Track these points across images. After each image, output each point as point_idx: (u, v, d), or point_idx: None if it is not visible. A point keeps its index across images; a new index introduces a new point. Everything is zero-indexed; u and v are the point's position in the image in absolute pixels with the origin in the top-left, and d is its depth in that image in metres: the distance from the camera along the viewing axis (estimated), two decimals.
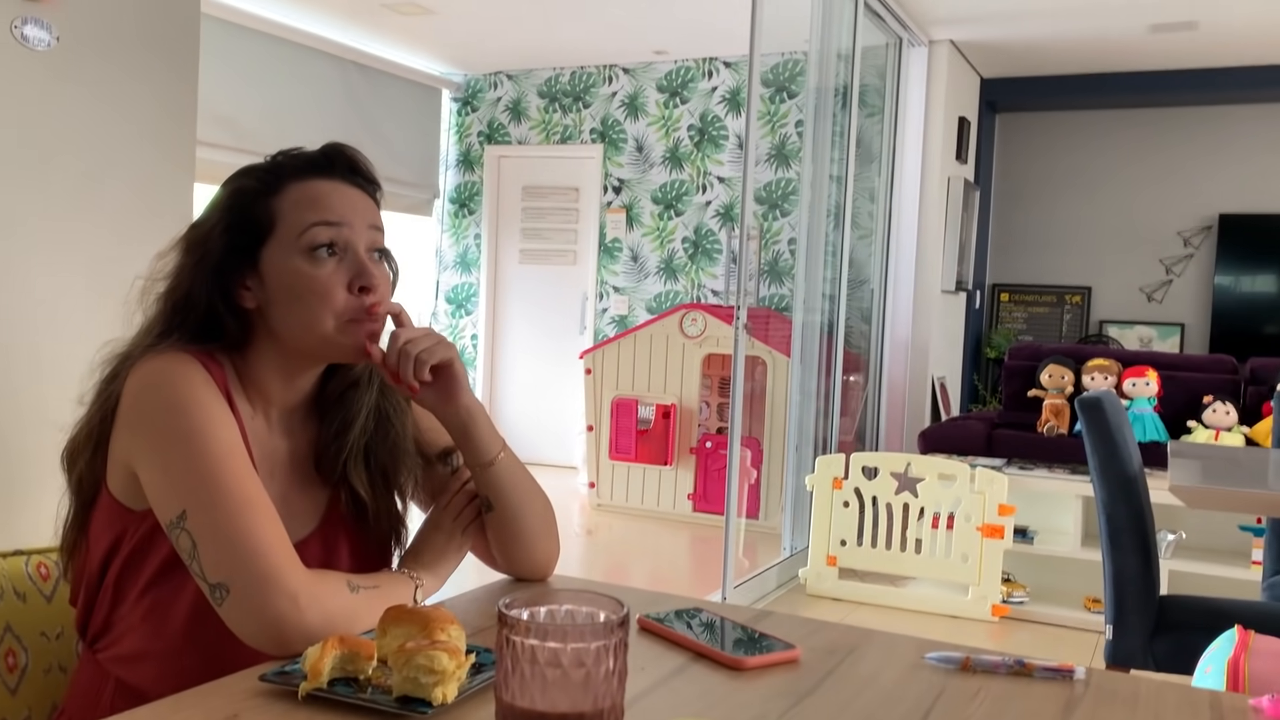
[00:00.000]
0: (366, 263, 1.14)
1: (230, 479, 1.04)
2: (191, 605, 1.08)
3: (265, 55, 5.82)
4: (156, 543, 1.09)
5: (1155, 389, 4.35)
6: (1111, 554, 2.45)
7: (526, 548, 1.25)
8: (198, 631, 1.07)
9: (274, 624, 0.99)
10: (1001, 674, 1.03)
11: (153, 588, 1.09)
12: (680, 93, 6.62)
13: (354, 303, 1.12)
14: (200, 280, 1.14)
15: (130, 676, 1.10)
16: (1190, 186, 6.53)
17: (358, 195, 1.17)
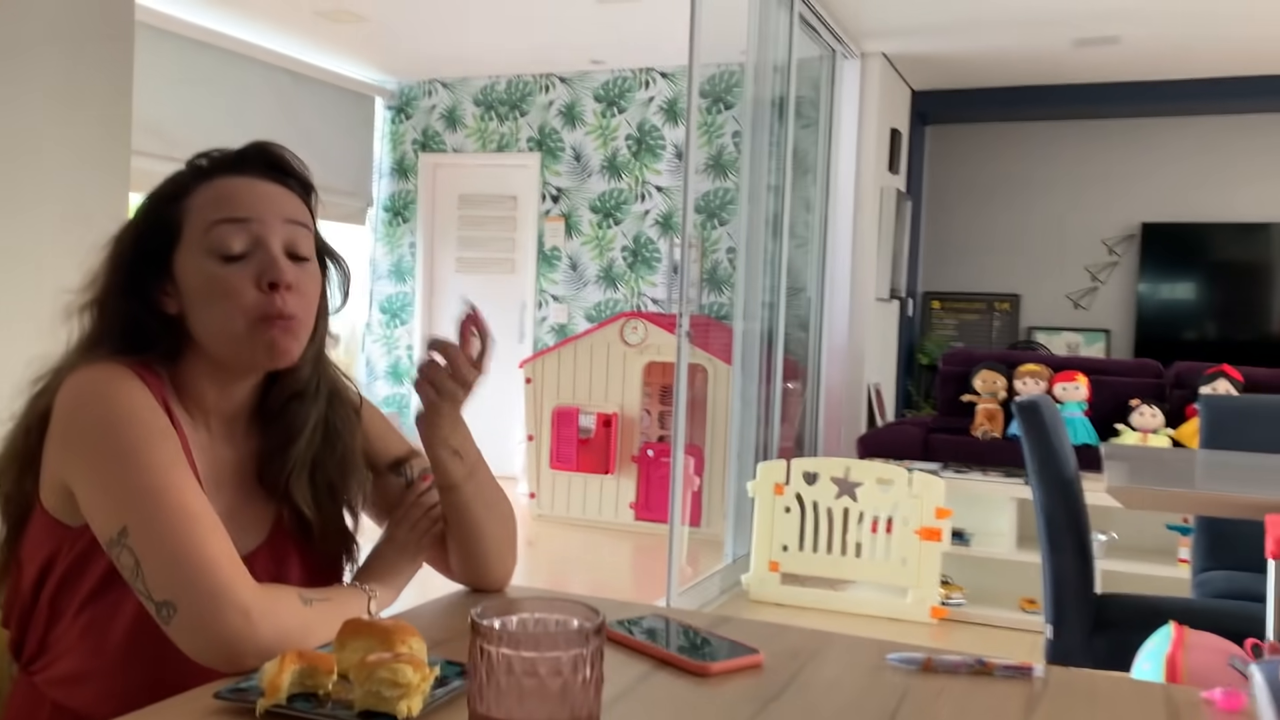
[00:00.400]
0: (277, 258, 1.08)
1: (173, 492, 0.99)
2: (131, 622, 1.04)
3: (196, 63, 5.69)
4: (94, 559, 1.05)
5: (1085, 393, 4.46)
6: (1051, 555, 2.50)
7: (487, 564, 1.24)
8: (138, 649, 1.03)
9: (226, 641, 0.95)
10: (963, 674, 1.04)
11: (90, 605, 1.05)
12: (617, 102, 6.63)
13: (262, 300, 1.07)
14: (118, 290, 1.10)
15: (68, 699, 1.05)
16: (1115, 196, 6.72)
17: (274, 190, 1.12)
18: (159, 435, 1.03)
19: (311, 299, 1.13)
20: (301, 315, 1.10)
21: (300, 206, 1.14)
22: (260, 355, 1.09)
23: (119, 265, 1.11)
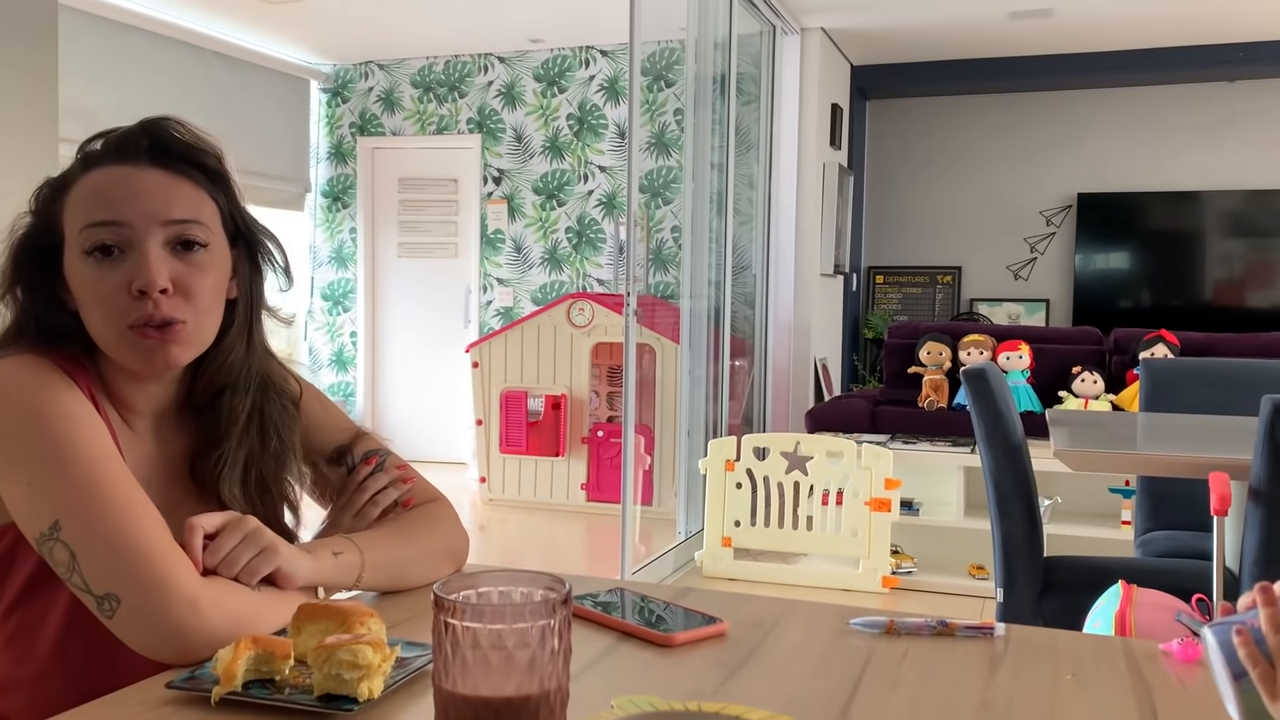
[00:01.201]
0: (147, 261, 1.00)
1: (105, 480, 0.95)
2: (61, 626, 1.00)
3: (122, 46, 5.53)
4: (17, 562, 1.00)
5: (1028, 362, 4.53)
6: (1000, 520, 2.54)
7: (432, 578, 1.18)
8: (68, 654, 1.00)
9: (174, 631, 0.91)
10: (925, 635, 1.05)
11: (17, 609, 1.01)
12: (558, 82, 6.57)
13: (130, 307, 1.00)
14: (21, 287, 1.06)
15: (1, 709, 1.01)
16: (1051, 168, 6.83)
17: (156, 181, 1.03)
18: (85, 425, 0.98)
19: (203, 295, 1.04)
20: (187, 317, 1.03)
21: (190, 195, 1.05)
22: (139, 363, 1.03)
23: (16, 262, 1.06)
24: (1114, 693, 0.90)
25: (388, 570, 1.12)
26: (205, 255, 1.05)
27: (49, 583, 0.99)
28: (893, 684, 0.91)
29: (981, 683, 0.92)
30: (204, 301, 1.05)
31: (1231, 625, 0.72)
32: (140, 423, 1.09)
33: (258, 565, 0.98)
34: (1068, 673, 0.94)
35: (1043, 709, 0.86)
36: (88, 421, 0.98)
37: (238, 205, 1.13)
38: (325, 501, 1.24)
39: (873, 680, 0.92)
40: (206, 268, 1.05)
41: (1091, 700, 0.88)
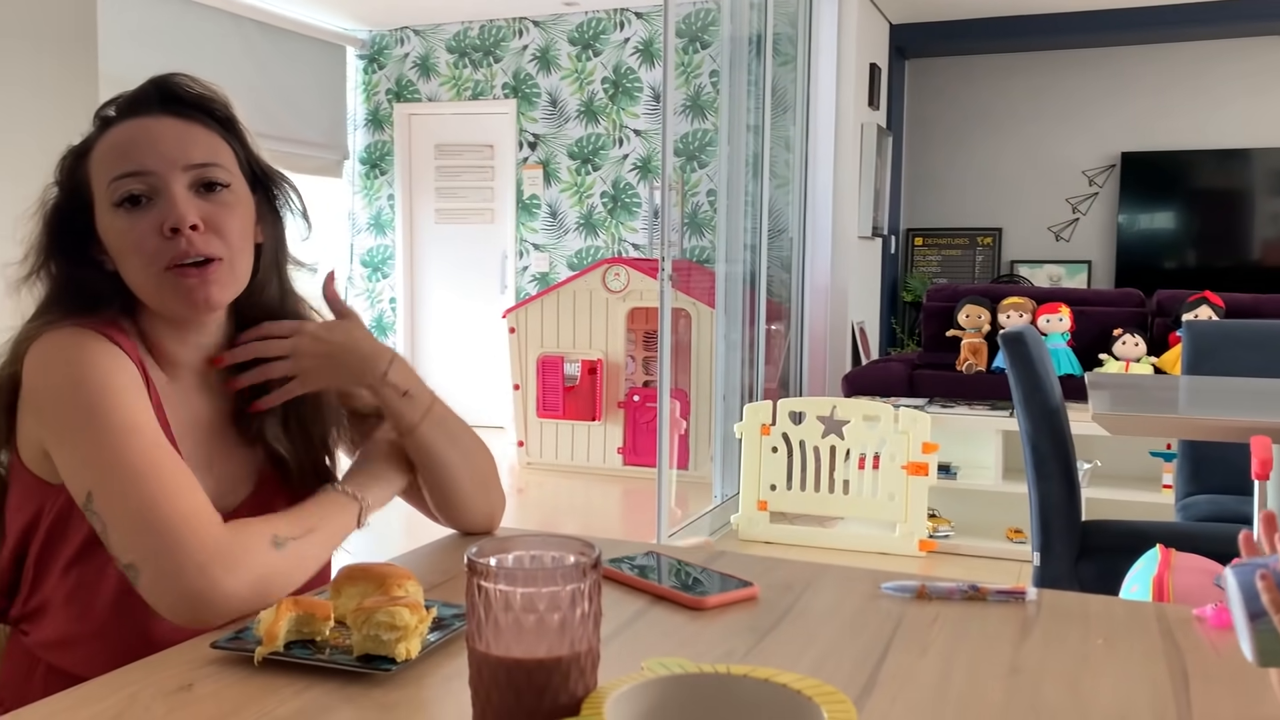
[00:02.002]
0: (175, 201, 1.03)
1: (132, 455, 0.97)
2: (118, 584, 1.03)
3: (160, 15, 5.57)
4: (75, 519, 1.04)
5: (1068, 324, 4.48)
6: (1037, 483, 2.52)
7: (463, 506, 1.22)
8: (126, 611, 1.03)
9: (190, 599, 0.93)
10: (956, 599, 1.05)
11: (75, 567, 1.04)
12: (592, 45, 6.53)
13: (165, 248, 1.03)
14: (57, 256, 1.08)
15: (59, 660, 1.05)
16: (1093, 126, 6.70)
17: (172, 128, 1.06)
18: (122, 394, 1.00)
19: (233, 232, 1.07)
20: (222, 253, 1.05)
21: (208, 139, 1.08)
22: (181, 306, 1.05)
23: (50, 231, 1.08)
24: (1145, 658, 0.90)
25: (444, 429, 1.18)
26: (229, 194, 1.08)
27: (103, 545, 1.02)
28: (922, 648, 0.92)
29: (1011, 647, 0.92)
30: (235, 239, 1.07)
31: (1256, 568, 0.72)
32: (186, 375, 1.12)
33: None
34: (1099, 638, 0.94)
35: (1072, 674, 0.86)
36: (124, 390, 1.00)
37: (253, 152, 1.15)
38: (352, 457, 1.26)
39: (902, 644, 0.93)
40: (233, 206, 1.08)
41: (1122, 665, 0.88)
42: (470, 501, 1.22)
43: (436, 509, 1.22)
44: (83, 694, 0.81)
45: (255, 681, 0.83)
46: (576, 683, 0.68)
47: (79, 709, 0.78)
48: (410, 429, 1.16)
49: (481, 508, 1.23)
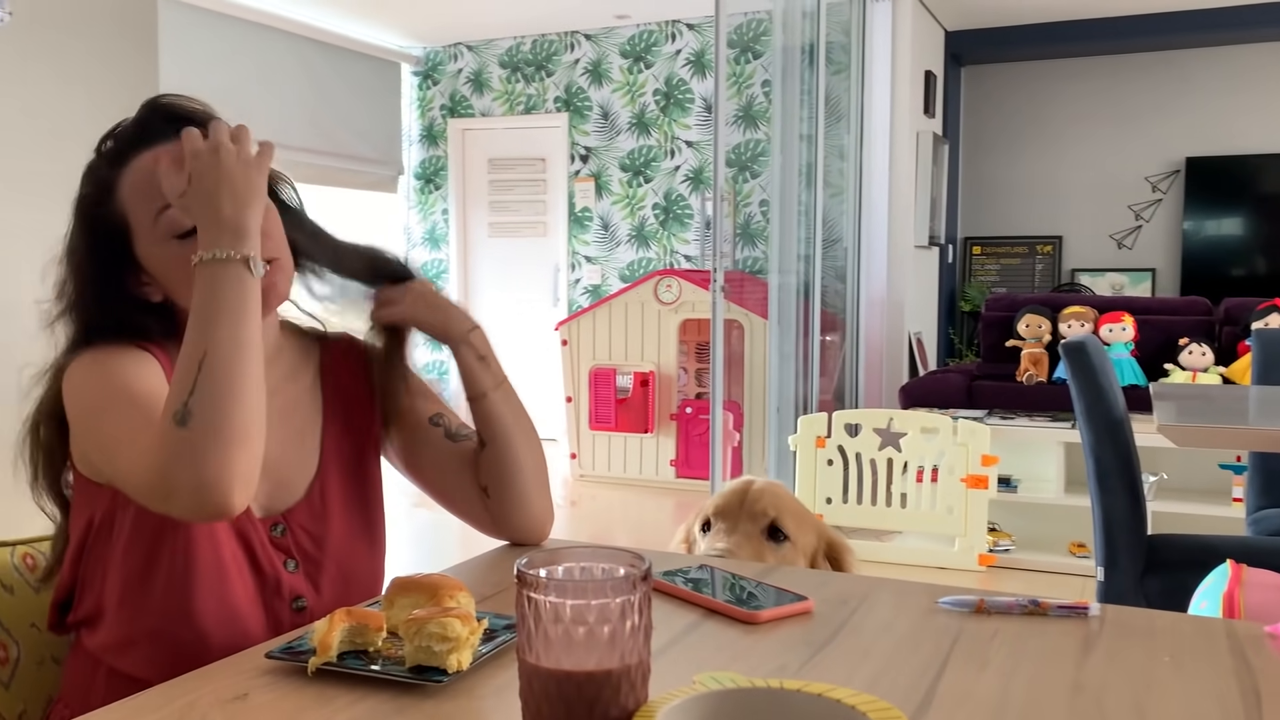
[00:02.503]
0: None
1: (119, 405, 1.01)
2: (166, 586, 1.05)
3: (218, 35, 5.70)
4: (119, 520, 1.06)
5: (1131, 334, 4.38)
6: (1100, 497, 2.47)
7: (523, 495, 1.22)
8: (176, 613, 1.04)
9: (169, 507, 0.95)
10: (1016, 614, 1.03)
11: (123, 568, 1.06)
12: (644, 57, 6.55)
13: None
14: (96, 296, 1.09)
15: (119, 663, 1.07)
16: (1156, 131, 6.56)
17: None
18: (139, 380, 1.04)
19: (277, 231, 1.11)
20: (277, 252, 1.10)
21: None
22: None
23: (87, 276, 1.09)
24: (1214, 676, 0.87)
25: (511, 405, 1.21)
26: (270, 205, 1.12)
27: (147, 543, 1.04)
28: (981, 663, 0.90)
29: (1073, 664, 0.90)
30: (280, 236, 1.12)
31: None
32: None
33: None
34: (1166, 655, 0.91)
35: (1137, 692, 0.84)
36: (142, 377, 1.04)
37: None
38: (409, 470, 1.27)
39: (960, 659, 0.91)
40: (269, 208, 1.11)
41: (1189, 683, 0.85)
42: (529, 490, 1.22)
43: (495, 496, 1.22)
44: (141, 702, 0.82)
45: (309, 691, 0.83)
46: (627, 696, 0.67)
47: (138, 716, 0.79)
48: (481, 395, 1.20)
49: (537, 506, 1.24)
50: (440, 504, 1.28)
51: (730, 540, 1.39)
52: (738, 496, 1.46)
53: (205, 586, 1.05)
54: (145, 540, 1.05)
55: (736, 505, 1.45)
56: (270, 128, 6.01)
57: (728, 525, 1.43)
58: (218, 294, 0.98)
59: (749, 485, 1.48)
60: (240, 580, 1.08)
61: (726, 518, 1.44)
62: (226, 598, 1.06)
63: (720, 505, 1.46)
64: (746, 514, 1.44)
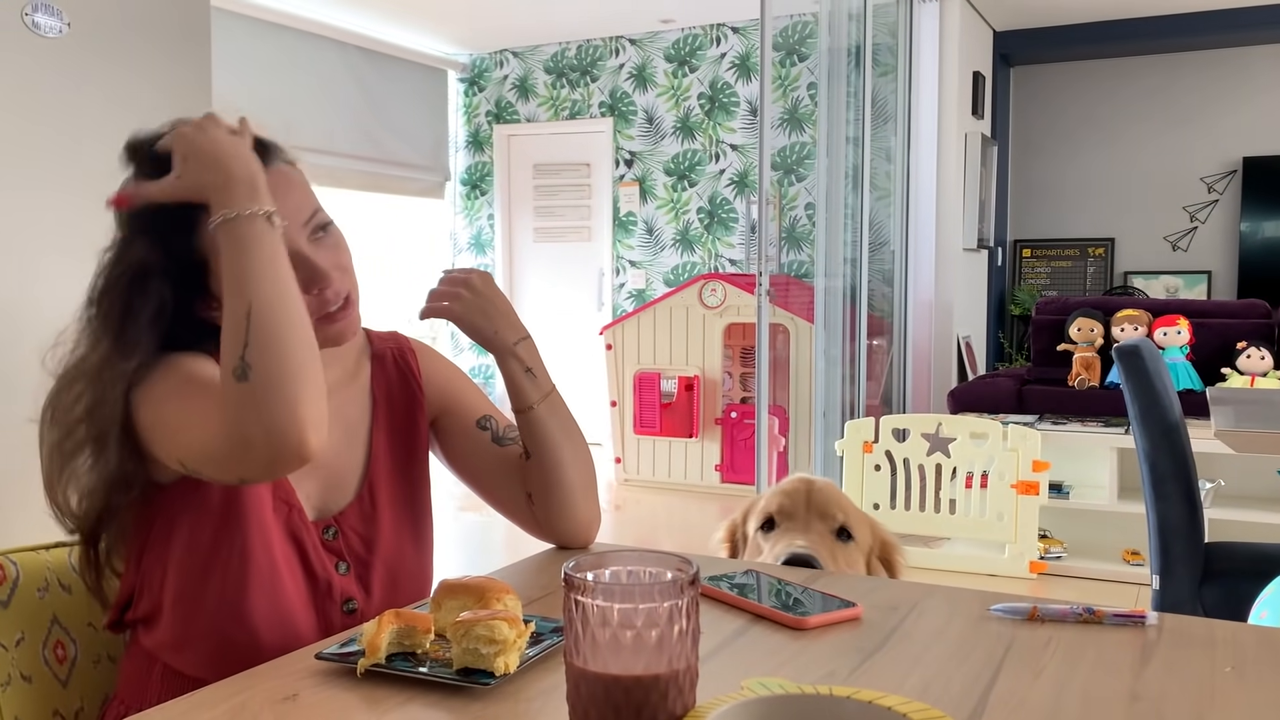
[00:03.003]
0: (312, 263, 1.08)
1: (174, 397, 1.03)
2: (220, 587, 1.06)
3: (268, 43, 5.79)
4: (179, 522, 1.07)
5: (1187, 337, 4.29)
6: (1155, 503, 2.42)
7: (568, 504, 1.22)
8: (230, 614, 1.06)
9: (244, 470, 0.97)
10: (1070, 622, 1.01)
11: (180, 567, 1.08)
12: (689, 61, 6.55)
13: (315, 303, 1.09)
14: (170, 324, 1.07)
15: (174, 661, 1.09)
16: (1212, 131, 6.42)
17: (280, 182, 1.07)
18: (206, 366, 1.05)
19: (350, 262, 1.14)
20: (352, 288, 1.13)
21: (300, 181, 1.12)
22: (329, 344, 1.12)
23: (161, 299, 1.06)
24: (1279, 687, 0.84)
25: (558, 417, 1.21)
26: (335, 230, 1.14)
27: (203, 546, 1.06)
28: (1035, 672, 0.88)
29: (1130, 673, 0.88)
30: (352, 269, 1.14)
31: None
32: None
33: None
34: (1227, 665, 0.89)
35: (1198, 702, 0.81)
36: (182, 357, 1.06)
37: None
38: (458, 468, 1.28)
39: (1013, 668, 0.89)
40: (339, 239, 1.14)
41: (1253, 695, 0.83)
42: (574, 498, 1.22)
43: (540, 504, 1.22)
44: (196, 700, 0.83)
45: (358, 692, 0.84)
46: (675, 701, 0.67)
47: (192, 714, 0.80)
48: (527, 407, 1.19)
49: (583, 513, 1.24)
50: (487, 503, 1.29)
51: (806, 539, 1.37)
52: (802, 496, 1.43)
53: (259, 588, 1.07)
54: (204, 542, 1.06)
55: (803, 505, 1.43)
56: (319, 135, 6.09)
57: (798, 525, 1.41)
58: (248, 250, 0.98)
59: (810, 484, 1.45)
60: (293, 582, 1.09)
61: (794, 518, 1.42)
62: (279, 599, 1.08)
63: (784, 505, 1.43)
64: (816, 514, 1.42)
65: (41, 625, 1.18)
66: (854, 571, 1.40)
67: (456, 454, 1.27)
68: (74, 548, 1.26)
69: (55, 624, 1.19)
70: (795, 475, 1.50)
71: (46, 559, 1.22)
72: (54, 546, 1.24)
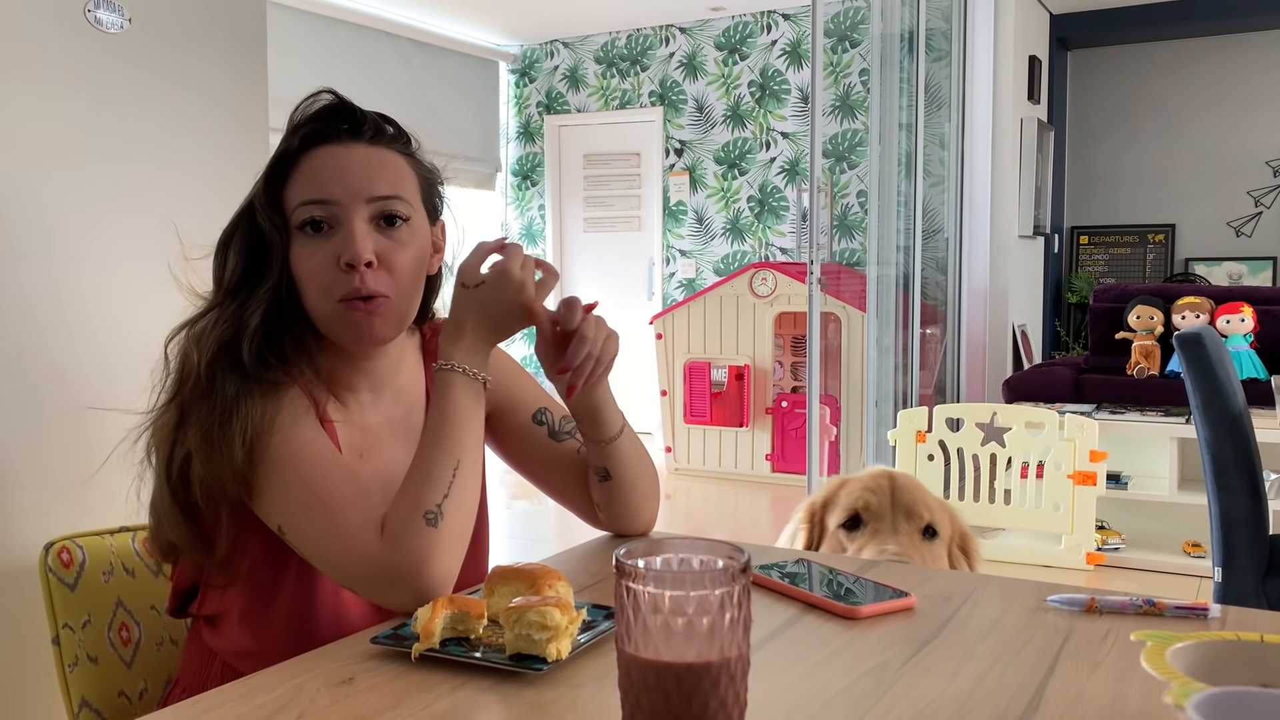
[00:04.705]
0: (353, 236, 1.03)
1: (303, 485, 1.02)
2: (290, 607, 1.08)
3: (322, 36, 5.85)
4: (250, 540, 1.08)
5: (1251, 325, 4.19)
6: (1218, 494, 2.36)
7: (634, 511, 1.24)
8: (298, 632, 1.07)
9: (381, 596, 1.00)
10: (1130, 614, 0.99)
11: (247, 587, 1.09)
12: (739, 49, 6.51)
13: (340, 280, 1.04)
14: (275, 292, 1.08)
15: (236, 664, 1.10)
16: (1277, 113, 6.24)
17: (359, 159, 1.07)
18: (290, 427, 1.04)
19: (405, 271, 1.07)
20: (390, 291, 1.06)
21: (395, 168, 1.09)
22: (349, 337, 1.07)
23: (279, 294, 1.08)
24: None
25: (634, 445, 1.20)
26: (406, 230, 1.09)
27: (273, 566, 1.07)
28: (1093, 665, 0.87)
29: None
30: (406, 277, 1.08)
31: None
32: (360, 396, 1.14)
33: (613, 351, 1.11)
34: None
35: None
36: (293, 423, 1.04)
37: (433, 180, 1.18)
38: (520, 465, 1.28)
39: (1071, 660, 0.88)
40: (407, 243, 1.08)
41: None
42: (641, 506, 1.25)
43: (607, 512, 1.23)
44: (254, 683, 0.85)
45: (413, 676, 0.85)
46: (726, 689, 0.67)
47: (251, 697, 0.82)
48: (612, 438, 1.17)
49: (647, 512, 1.26)
50: (542, 491, 1.30)
51: (896, 542, 1.35)
52: (886, 494, 1.40)
53: (324, 610, 1.09)
54: (271, 564, 1.07)
55: (888, 503, 1.40)
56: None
57: (885, 526, 1.38)
58: (464, 405, 1.05)
59: (893, 480, 1.42)
60: (356, 602, 1.11)
61: (881, 518, 1.39)
62: (342, 618, 1.10)
63: (869, 503, 1.40)
64: (902, 513, 1.40)
65: (107, 608, 1.21)
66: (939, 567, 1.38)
67: (512, 448, 1.27)
68: (136, 532, 1.29)
69: (120, 607, 1.23)
70: (876, 469, 1.46)
71: (111, 544, 1.25)
72: (118, 531, 1.27)
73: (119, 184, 1.76)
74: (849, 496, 1.43)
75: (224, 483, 1.01)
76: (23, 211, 1.62)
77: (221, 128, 1.93)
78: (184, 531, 1.05)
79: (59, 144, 1.66)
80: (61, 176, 1.67)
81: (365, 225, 1.06)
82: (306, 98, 1.10)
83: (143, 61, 1.77)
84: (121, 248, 1.76)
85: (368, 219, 1.06)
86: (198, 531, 1.05)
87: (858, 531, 1.40)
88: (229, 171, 1.94)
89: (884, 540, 1.35)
